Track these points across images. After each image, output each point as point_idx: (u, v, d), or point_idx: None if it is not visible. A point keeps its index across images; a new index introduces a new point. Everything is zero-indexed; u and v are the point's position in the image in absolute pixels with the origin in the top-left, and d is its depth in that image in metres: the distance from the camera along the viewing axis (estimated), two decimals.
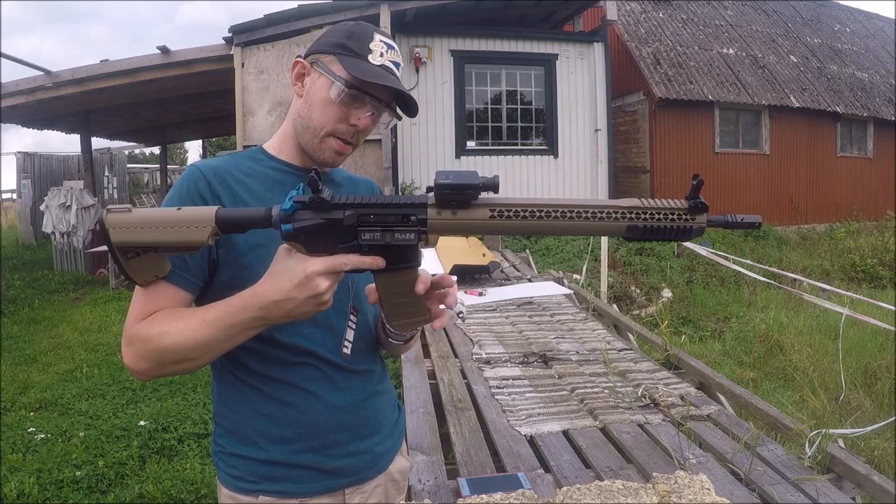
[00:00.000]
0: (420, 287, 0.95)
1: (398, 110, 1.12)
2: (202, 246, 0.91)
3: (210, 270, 1.05)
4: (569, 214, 0.86)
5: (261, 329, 0.96)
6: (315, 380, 1.10)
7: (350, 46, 1.06)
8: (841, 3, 18.04)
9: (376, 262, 0.90)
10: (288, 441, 1.08)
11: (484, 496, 1.17)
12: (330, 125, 1.07)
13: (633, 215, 0.86)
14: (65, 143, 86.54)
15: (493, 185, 0.86)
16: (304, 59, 1.10)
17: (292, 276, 0.89)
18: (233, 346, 0.97)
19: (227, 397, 1.12)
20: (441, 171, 0.87)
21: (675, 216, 0.87)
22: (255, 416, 1.09)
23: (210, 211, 0.90)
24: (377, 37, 1.08)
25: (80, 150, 12.02)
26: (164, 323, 0.97)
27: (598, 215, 0.86)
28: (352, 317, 1.13)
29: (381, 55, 1.07)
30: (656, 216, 0.87)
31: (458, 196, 0.86)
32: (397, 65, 1.09)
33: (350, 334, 1.12)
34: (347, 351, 1.11)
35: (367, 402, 1.16)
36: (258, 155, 1.14)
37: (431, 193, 0.88)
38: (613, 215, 0.86)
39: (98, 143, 14.16)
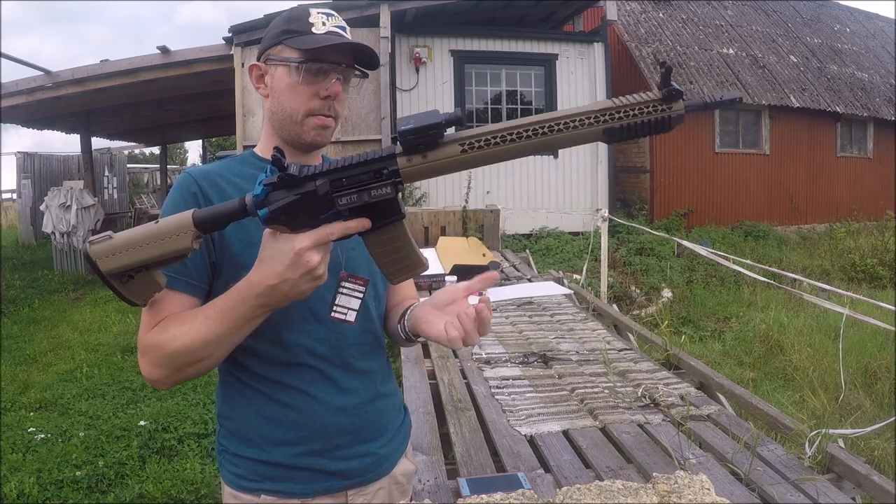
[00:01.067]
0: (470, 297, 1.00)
1: (363, 69, 1.12)
2: (189, 251, 0.91)
3: (213, 272, 1.06)
4: (541, 130, 0.83)
5: (264, 316, 0.96)
6: (316, 382, 1.09)
7: (292, 29, 1.07)
8: (841, 3, 18.04)
9: (361, 223, 0.89)
10: (289, 443, 1.09)
11: (484, 496, 1.17)
12: (304, 106, 1.07)
13: (607, 117, 0.84)
14: (65, 143, 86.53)
15: (456, 119, 0.83)
16: (258, 61, 1.12)
17: (282, 258, 0.88)
18: (242, 338, 0.98)
19: (229, 399, 1.13)
20: (402, 118, 0.86)
21: (650, 108, 0.84)
22: (257, 418, 1.09)
23: (187, 215, 0.90)
24: (313, 11, 1.09)
25: (80, 150, 12.02)
26: (172, 328, 0.98)
27: (572, 124, 0.84)
28: (344, 283, 1.11)
29: (324, 24, 1.08)
30: (631, 113, 0.84)
31: (423, 139, 0.84)
32: (343, 28, 1.10)
33: (353, 302, 1.11)
34: (337, 315, 1.10)
35: (370, 406, 1.15)
36: (249, 158, 1.15)
37: (398, 145, 0.87)
38: (587, 121, 0.84)
39: (98, 143, 14.17)
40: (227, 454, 1.12)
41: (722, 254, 6.86)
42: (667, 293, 7.99)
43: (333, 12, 1.10)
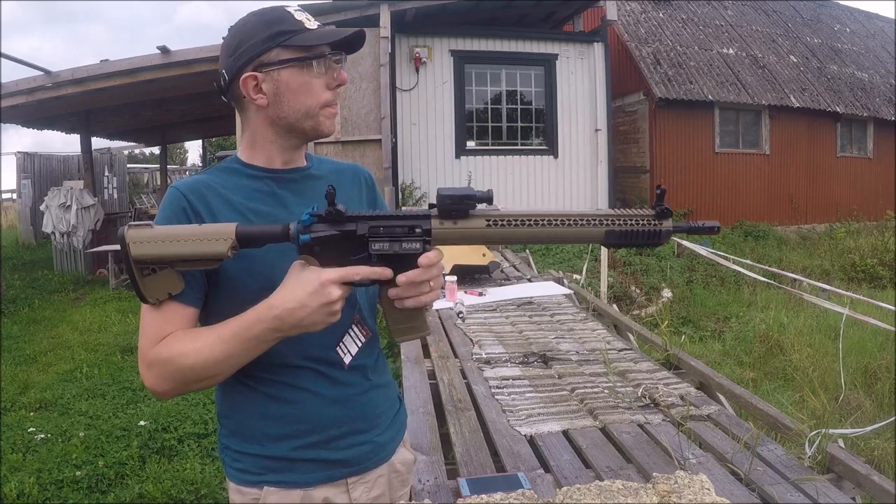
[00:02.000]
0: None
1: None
2: (222, 259, 0.96)
3: (207, 282, 1.07)
4: (555, 222, 0.98)
5: (275, 341, 0.99)
6: (312, 379, 1.12)
7: (283, 30, 1.06)
8: (841, 3, 18.04)
9: (384, 272, 0.97)
10: (289, 438, 1.11)
11: (484, 496, 1.17)
12: (322, 98, 1.10)
13: (609, 222, 0.98)
14: (65, 143, 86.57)
15: (488, 198, 0.96)
16: (249, 71, 1.08)
17: (306, 285, 0.94)
18: (250, 359, 1.01)
19: (229, 399, 1.15)
20: (442, 187, 0.98)
21: (644, 221, 0.99)
22: (256, 415, 1.12)
23: (231, 226, 0.97)
24: (292, 10, 1.10)
25: (80, 150, 12.01)
26: (182, 344, 1.00)
27: (580, 222, 0.98)
28: (356, 329, 1.15)
29: (308, 20, 1.10)
30: (629, 222, 0.98)
31: (458, 206, 0.96)
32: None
33: (353, 347, 1.15)
34: (346, 361, 1.14)
35: (363, 397, 1.18)
36: (234, 165, 1.15)
37: (434, 209, 0.98)
38: (593, 222, 0.98)
39: (98, 143, 14.17)
40: (229, 451, 1.15)
41: (722, 254, 6.86)
42: (667, 293, 7.99)
43: (300, 9, 1.13)
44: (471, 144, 9.69)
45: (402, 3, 7.95)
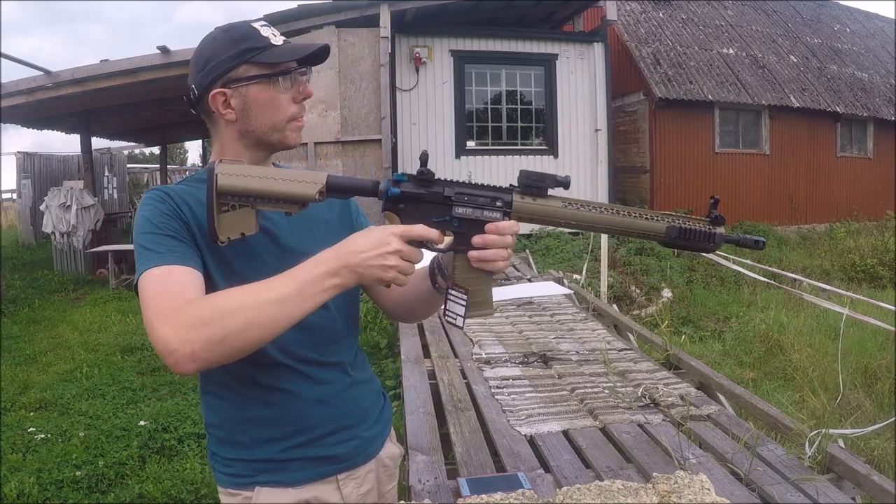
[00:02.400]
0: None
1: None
2: (309, 201, 0.99)
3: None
4: (621, 212, 1.04)
5: (333, 291, 0.95)
6: (293, 379, 1.14)
7: (250, 47, 1.08)
8: (841, 3, 18.04)
9: (440, 236, 1.00)
10: (277, 440, 1.13)
11: (484, 496, 1.17)
12: (288, 112, 1.13)
13: (670, 220, 1.05)
14: (65, 143, 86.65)
15: (566, 182, 1.01)
16: (218, 88, 1.09)
17: (370, 233, 0.97)
18: (302, 314, 0.95)
19: (214, 408, 1.17)
20: (525, 169, 1.05)
21: (701, 224, 1.06)
22: (243, 421, 1.13)
23: (322, 174, 1.01)
24: (258, 26, 1.11)
25: (80, 150, 12.01)
26: (221, 296, 0.94)
27: (645, 216, 1.04)
28: (451, 291, 1.10)
29: (275, 35, 1.12)
30: (688, 222, 1.05)
31: (539, 183, 1.02)
32: (286, 18, 1.17)
33: (451, 306, 1.10)
34: (449, 320, 1.11)
35: (346, 393, 1.20)
36: (205, 175, 1.11)
37: (518, 185, 1.04)
38: (656, 218, 1.05)
39: (98, 143, 14.17)
40: (218, 458, 1.17)
41: (722, 254, 6.86)
42: (667, 293, 7.99)
43: (266, 23, 1.15)
44: (471, 144, 9.69)
45: (402, 3, 7.95)
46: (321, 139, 7.80)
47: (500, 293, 4.77)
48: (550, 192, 1.03)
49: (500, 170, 9.58)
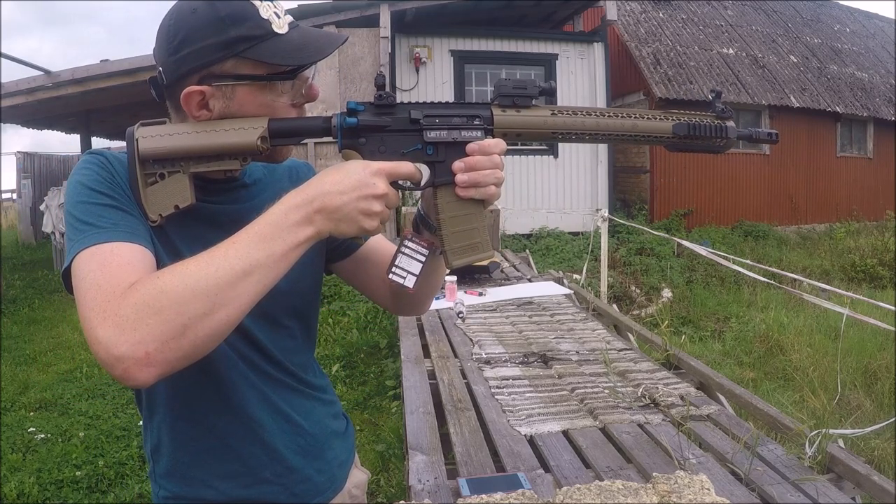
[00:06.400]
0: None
1: None
2: (250, 151, 0.82)
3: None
4: (620, 115, 0.90)
5: (306, 246, 0.78)
6: (251, 402, 0.96)
7: (242, 36, 0.83)
8: (841, 3, 18.04)
9: (419, 172, 0.85)
10: (238, 475, 0.96)
11: (484, 496, 1.17)
12: None
13: (674, 117, 0.93)
14: (65, 143, 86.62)
15: (550, 90, 0.90)
16: (195, 84, 0.86)
17: (351, 170, 0.79)
18: (276, 278, 0.76)
19: (161, 434, 0.98)
20: (500, 79, 0.91)
21: (709, 119, 0.94)
22: (196, 452, 0.95)
23: (261, 119, 0.83)
24: (256, 1, 0.85)
25: (80, 150, 12.01)
26: (171, 271, 0.73)
27: (646, 116, 0.91)
28: (406, 244, 0.91)
29: (277, 16, 0.86)
30: (695, 118, 0.93)
31: (521, 92, 0.88)
32: (286, 11, 0.89)
33: (402, 260, 0.90)
34: (395, 278, 0.91)
35: (310, 417, 1.06)
36: None
37: (496, 98, 0.90)
38: (659, 116, 0.92)
39: (98, 143, 14.17)
40: (170, 500, 0.98)
41: (722, 254, 6.86)
42: (667, 293, 7.99)
43: None
44: None
45: (402, 3, 7.95)
46: (321, 139, 7.79)
47: (500, 293, 4.77)
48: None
49: None
